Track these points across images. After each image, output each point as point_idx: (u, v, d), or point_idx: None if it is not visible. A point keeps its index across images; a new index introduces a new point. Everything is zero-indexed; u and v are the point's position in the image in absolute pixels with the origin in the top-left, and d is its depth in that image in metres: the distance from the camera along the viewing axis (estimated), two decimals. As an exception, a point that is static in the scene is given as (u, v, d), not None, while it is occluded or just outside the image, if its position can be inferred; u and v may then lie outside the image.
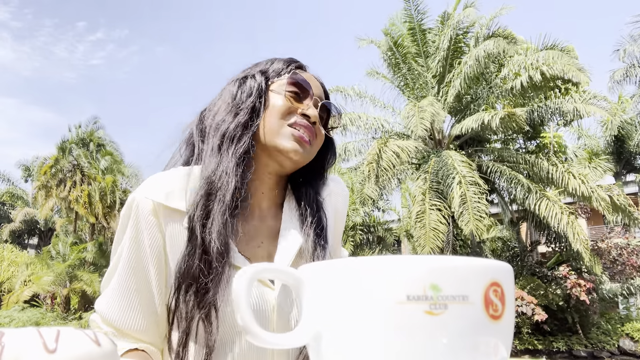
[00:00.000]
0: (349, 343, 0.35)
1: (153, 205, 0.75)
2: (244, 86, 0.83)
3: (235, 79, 0.86)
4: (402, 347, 0.34)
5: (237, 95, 0.82)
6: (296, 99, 0.83)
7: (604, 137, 18.35)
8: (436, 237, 10.93)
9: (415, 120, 10.99)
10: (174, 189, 0.77)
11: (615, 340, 12.83)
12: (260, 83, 0.83)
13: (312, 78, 0.88)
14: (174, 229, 0.76)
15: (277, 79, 0.85)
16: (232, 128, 0.79)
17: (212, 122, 0.82)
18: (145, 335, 0.75)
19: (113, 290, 0.76)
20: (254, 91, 0.82)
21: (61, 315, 17.55)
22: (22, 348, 0.34)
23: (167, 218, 0.76)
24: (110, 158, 21.46)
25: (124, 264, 0.75)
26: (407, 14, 13.17)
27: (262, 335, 0.38)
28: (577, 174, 11.66)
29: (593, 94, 12.66)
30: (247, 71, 0.87)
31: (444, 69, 12.83)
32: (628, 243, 13.39)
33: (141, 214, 0.75)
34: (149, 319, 0.75)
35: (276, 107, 0.81)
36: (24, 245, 28.88)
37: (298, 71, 0.86)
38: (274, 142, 0.80)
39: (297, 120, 0.81)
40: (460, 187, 10.87)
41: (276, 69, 0.86)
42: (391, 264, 0.35)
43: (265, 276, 0.41)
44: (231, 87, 0.85)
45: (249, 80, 0.84)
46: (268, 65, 0.87)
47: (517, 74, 12.35)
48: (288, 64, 0.87)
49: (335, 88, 14.01)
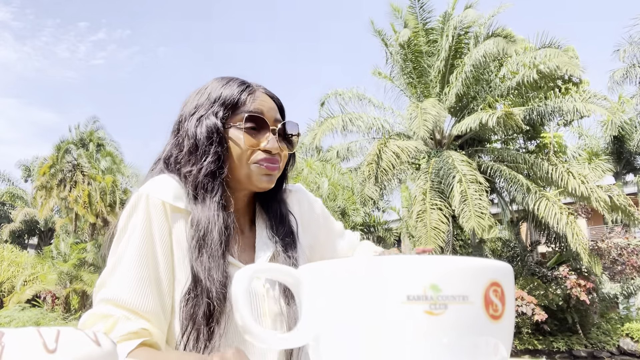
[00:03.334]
0: (349, 343, 0.35)
1: (162, 202, 0.81)
2: (201, 127, 0.85)
3: (191, 113, 0.88)
4: (402, 347, 0.34)
5: (198, 139, 0.84)
6: (255, 135, 0.87)
7: (604, 137, 18.33)
8: (437, 237, 10.92)
9: (417, 122, 11.01)
10: (177, 192, 0.84)
11: (615, 340, 12.81)
12: (217, 125, 0.84)
13: (264, 99, 0.90)
14: (179, 226, 0.82)
15: (232, 114, 0.87)
16: (201, 179, 0.83)
17: (181, 169, 0.86)
18: (156, 319, 0.77)
19: (124, 276, 0.77)
20: (214, 137, 0.84)
21: (61, 315, 17.54)
22: (22, 348, 0.34)
23: (174, 215, 0.83)
24: (111, 158, 21.45)
25: (135, 252, 0.78)
26: (412, 12, 13.16)
27: (262, 335, 0.38)
28: (577, 174, 11.65)
29: (593, 93, 12.64)
30: (201, 105, 0.88)
31: (446, 68, 12.82)
32: (628, 243, 13.38)
33: (152, 208, 0.81)
34: (158, 305, 0.78)
35: (238, 149, 0.86)
36: (24, 245, 28.84)
37: (250, 97, 0.88)
38: (244, 180, 0.87)
39: (261, 157, 0.86)
40: (461, 185, 10.86)
41: (229, 100, 0.87)
42: (391, 264, 0.35)
43: (264, 276, 0.41)
44: (190, 125, 0.86)
45: (205, 121, 0.85)
46: (220, 95, 0.88)
47: (516, 73, 12.34)
48: (240, 90, 0.88)
49: (334, 92, 14.00)
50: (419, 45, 13.10)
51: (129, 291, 0.75)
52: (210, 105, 0.87)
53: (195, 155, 0.84)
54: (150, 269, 0.78)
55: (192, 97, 0.91)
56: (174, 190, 0.83)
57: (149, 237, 0.79)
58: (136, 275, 0.76)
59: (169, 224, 0.82)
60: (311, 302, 0.39)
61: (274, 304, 0.85)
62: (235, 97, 0.87)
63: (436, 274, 0.34)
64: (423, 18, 13.18)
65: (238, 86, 0.89)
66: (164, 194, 0.82)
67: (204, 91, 0.90)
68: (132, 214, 0.81)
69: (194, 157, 0.84)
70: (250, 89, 0.90)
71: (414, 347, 0.34)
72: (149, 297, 0.76)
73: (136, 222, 0.80)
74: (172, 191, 0.83)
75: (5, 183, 27.85)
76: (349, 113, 13.59)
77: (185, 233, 0.81)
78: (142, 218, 0.80)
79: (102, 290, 0.77)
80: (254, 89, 0.90)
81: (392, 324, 0.34)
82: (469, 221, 10.51)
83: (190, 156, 0.85)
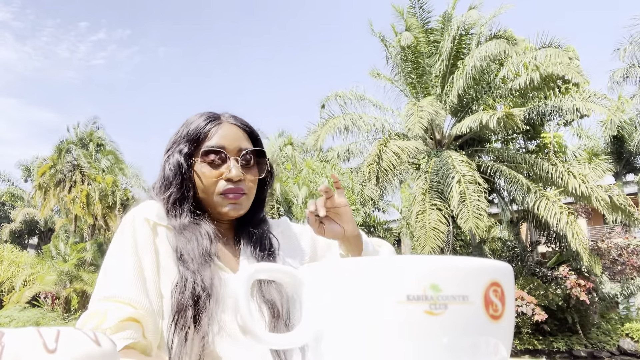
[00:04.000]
0: (349, 343, 0.35)
1: (146, 219, 0.92)
2: (169, 163, 0.96)
3: (166, 150, 1.00)
4: (402, 347, 0.34)
5: (166, 174, 0.96)
6: (217, 166, 0.95)
7: (603, 137, 18.33)
8: (436, 237, 10.92)
9: (413, 119, 10.98)
10: (159, 212, 0.94)
11: (615, 340, 12.81)
12: (180, 161, 0.95)
13: (228, 130, 0.97)
14: (162, 238, 0.92)
15: (195, 148, 0.96)
16: (170, 206, 0.94)
17: (160, 196, 0.97)
18: (144, 310, 0.83)
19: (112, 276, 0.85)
20: (178, 171, 0.95)
21: (61, 315, 17.54)
22: (22, 348, 0.34)
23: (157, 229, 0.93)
24: (113, 157, 21.46)
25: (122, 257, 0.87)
26: (412, 13, 13.15)
27: (262, 335, 0.38)
28: (577, 174, 11.64)
29: (593, 92, 12.63)
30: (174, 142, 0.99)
31: (447, 68, 12.82)
32: (628, 243, 13.38)
33: (138, 223, 0.91)
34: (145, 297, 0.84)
35: (201, 181, 0.95)
36: (24, 245, 28.83)
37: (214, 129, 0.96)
38: (212, 209, 0.96)
39: (224, 187, 0.94)
40: (460, 186, 10.87)
41: (193, 135, 0.96)
42: (391, 264, 0.35)
43: (264, 276, 0.42)
44: (163, 161, 0.99)
45: (171, 158, 0.97)
46: (187, 131, 0.97)
47: (517, 74, 12.34)
48: (205, 124, 0.97)
49: (334, 94, 14.00)
50: (419, 45, 13.10)
51: (116, 286, 0.83)
52: (178, 143, 0.97)
53: (165, 186, 0.96)
54: (136, 269, 0.85)
55: (172, 134, 1.02)
56: (156, 211, 0.94)
57: (134, 245, 0.88)
58: (123, 274, 0.84)
59: (153, 236, 0.91)
60: (311, 302, 0.39)
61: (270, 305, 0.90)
62: (200, 131, 0.96)
63: (436, 274, 0.34)
64: (423, 18, 13.18)
65: (205, 120, 0.98)
66: (148, 213, 0.93)
67: (181, 128, 1.00)
68: (122, 229, 0.91)
69: (164, 187, 0.96)
70: (217, 122, 0.98)
71: (414, 347, 0.34)
72: (136, 290, 0.83)
73: (124, 232, 0.90)
74: (155, 211, 0.94)
75: (5, 183, 27.88)
76: (349, 114, 13.59)
77: (168, 243, 0.91)
78: (129, 231, 0.90)
79: (94, 292, 0.85)
80: (221, 121, 0.98)
81: (392, 324, 0.34)
82: (467, 222, 10.51)
83: (161, 187, 0.97)
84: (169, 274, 0.88)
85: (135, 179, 22.32)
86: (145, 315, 0.81)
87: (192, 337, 0.81)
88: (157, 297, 0.86)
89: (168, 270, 0.88)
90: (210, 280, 0.85)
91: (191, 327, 0.81)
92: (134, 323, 0.79)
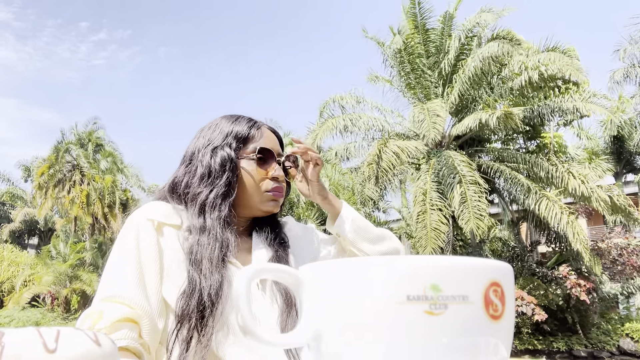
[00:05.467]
0: (349, 343, 0.35)
1: (150, 220, 0.91)
2: (216, 157, 0.97)
3: (205, 145, 1.00)
4: (402, 347, 0.34)
5: (213, 167, 0.96)
6: (263, 165, 1.01)
7: (603, 137, 18.32)
8: (437, 238, 10.92)
9: (427, 124, 11.07)
10: (166, 212, 0.94)
11: (615, 340, 12.82)
12: (231, 155, 0.98)
13: (269, 135, 1.05)
14: (168, 237, 0.92)
15: (243, 147, 1.01)
16: (211, 199, 0.94)
17: (190, 191, 0.97)
18: (142, 310, 0.83)
19: (112, 277, 0.86)
20: (227, 165, 0.96)
21: (61, 315, 17.54)
22: (22, 348, 0.34)
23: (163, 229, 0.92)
24: (112, 158, 21.45)
25: (122, 258, 0.88)
26: (412, 13, 13.15)
27: (262, 335, 0.38)
28: (577, 174, 11.64)
29: (593, 92, 12.62)
30: (214, 139, 1.00)
31: (449, 69, 12.82)
32: (628, 243, 13.38)
33: (141, 223, 0.91)
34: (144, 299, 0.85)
35: (250, 178, 0.99)
36: (24, 245, 28.84)
37: (257, 132, 1.02)
38: (254, 206, 1.00)
39: (270, 185, 1.00)
40: (461, 186, 10.87)
41: (241, 134, 1.01)
42: (391, 264, 0.35)
43: (265, 276, 0.42)
44: (205, 155, 0.98)
45: (220, 152, 0.98)
46: (232, 130, 1.01)
47: (518, 74, 12.34)
48: (249, 126, 1.02)
49: (332, 99, 14.01)
50: (419, 46, 13.11)
51: (116, 287, 0.84)
52: (223, 139, 1.00)
53: (208, 180, 0.96)
54: (136, 270, 0.86)
55: (203, 132, 1.04)
56: (162, 210, 0.94)
57: (135, 246, 0.88)
58: (123, 274, 0.85)
59: (157, 236, 0.91)
60: (312, 302, 0.39)
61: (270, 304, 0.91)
62: (246, 132, 1.01)
63: (436, 274, 0.34)
64: (423, 18, 13.18)
65: (247, 123, 1.03)
66: (152, 214, 0.92)
67: (214, 127, 1.03)
68: (125, 230, 0.91)
69: (206, 181, 0.96)
70: (257, 125, 1.04)
71: (414, 347, 0.34)
72: (135, 290, 0.83)
73: (126, 233, 0.90)
74: (161, 211, 0.93)
75: (5, 183, 27.85)
76: (349, 114, 13.60)
77: (178, 243, 0.91)
78: (132, 231, 0.90)
79: (96, 292, 0.85)
80: (260, 125, 1.05)
81: (392, 324, 0.34)
82: (468, 223, 10.52)
83: (202, 181, 0.96)
84: (173, 275, 0.87)
85: (135, 179, 22.33)
86: (142, 316, 0.81)
87: (194, 346, 0.81)
88: (157, 297, 0.86)
89: (172, 271, 0.88)
90: (219, 284, 0.86)
91: (194, 336, 0.81)
92: (130, 323, 0.79)
